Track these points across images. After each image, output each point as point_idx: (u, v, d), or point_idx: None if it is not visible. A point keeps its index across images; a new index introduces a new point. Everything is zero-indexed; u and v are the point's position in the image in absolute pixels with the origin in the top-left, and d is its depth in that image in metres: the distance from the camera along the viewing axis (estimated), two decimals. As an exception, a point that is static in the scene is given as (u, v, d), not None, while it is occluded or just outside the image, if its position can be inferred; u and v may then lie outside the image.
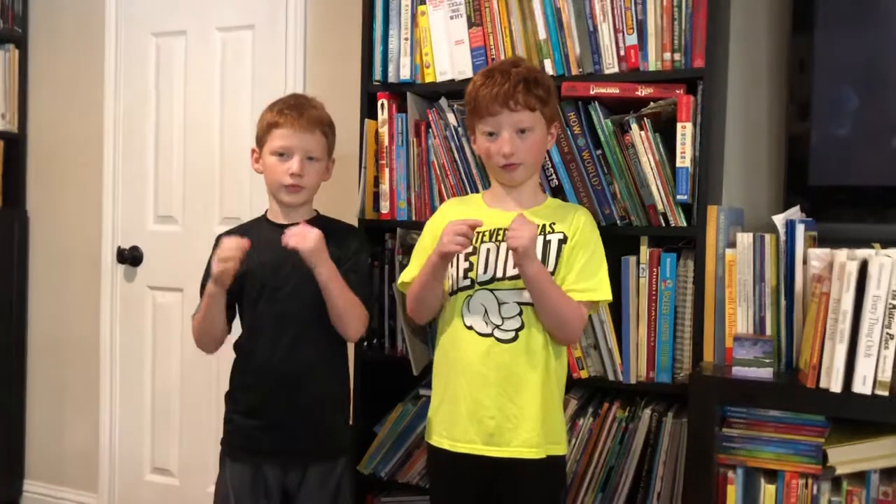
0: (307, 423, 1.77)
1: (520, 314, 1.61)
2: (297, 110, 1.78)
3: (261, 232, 1.83)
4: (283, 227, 1.76)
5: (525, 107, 1.60)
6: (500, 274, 1.62)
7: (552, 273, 1.62)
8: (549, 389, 1.63)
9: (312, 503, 1.79)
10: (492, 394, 1.61)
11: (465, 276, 1.65)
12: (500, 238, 1.64)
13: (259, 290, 1.76)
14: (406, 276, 1.74)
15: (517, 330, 1.61)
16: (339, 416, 1.86)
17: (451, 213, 1.70)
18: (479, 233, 1.65)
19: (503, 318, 1.62)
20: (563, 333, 1.62)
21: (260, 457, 1.78)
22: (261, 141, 1.82)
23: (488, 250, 1.64)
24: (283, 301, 1.74)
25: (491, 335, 1.62)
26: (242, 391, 1.81)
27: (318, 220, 1.87)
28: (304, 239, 1.65)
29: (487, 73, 1.64)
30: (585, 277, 1.63)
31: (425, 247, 1.70)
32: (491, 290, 1.63)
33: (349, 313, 1.74)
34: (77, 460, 2.91)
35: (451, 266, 1.66)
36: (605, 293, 1.64)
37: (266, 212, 1.88)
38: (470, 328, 1.63)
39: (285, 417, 1.76)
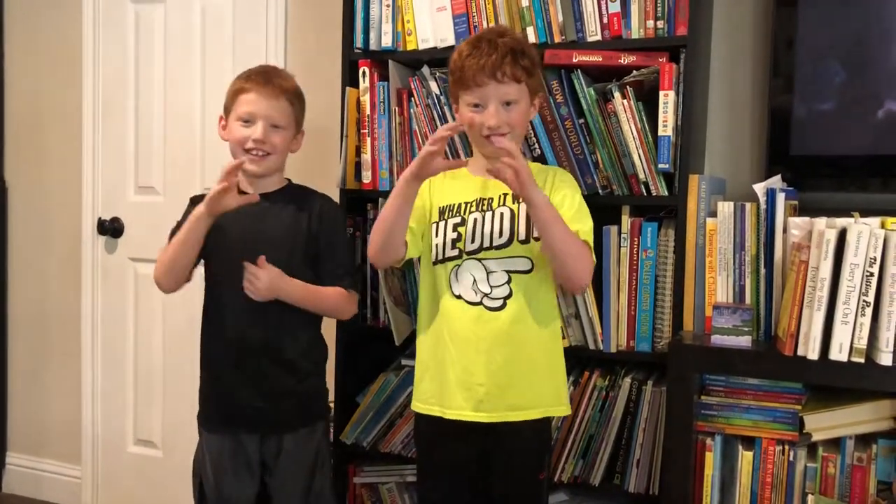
0: (280, 391, 1.76)
1: (508, 282, 1.62)
2: (265, 77, 1.79)
3: None
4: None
5: (512, 78, 1.58)
6: (487, 243, 1.62)
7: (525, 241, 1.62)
8: (537, 355, 1.64)
9: (291, 470, 1.79)
10: (481, 361, 1.61)
11: (454, 247, 1.65)
12: (485, 207, 1.64)
13: (230, 257, 1.73)
14: None
15: (505, 298, 1.61)
16: (314, 383, 1.84)
17: (437, 177, 1.69)
18: (465, 203, 1.65)
19: (492, 287, 1.62)
20: (569, 272, 1.57)
21: (235, 427, 1.78)
22: (228, 108, 1.81)
23: (475, 220, 1.64)
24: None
25: (480, 303, 1.62)
26: (214, 360, 1.80)
27: (289, 189, 1.85)
28: (256, 288, 1.68)
29: (474, 43, 1.61)
30: (579, 219, 1.61)
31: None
32: (479, 260, 1.63)
33: (332, 310, 1.82)
34: (60, 432, 2.90)
35: (437, 236, 1.66)
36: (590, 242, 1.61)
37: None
38: (458, 297, 1.63)
39: (258, 386, 1.75)
